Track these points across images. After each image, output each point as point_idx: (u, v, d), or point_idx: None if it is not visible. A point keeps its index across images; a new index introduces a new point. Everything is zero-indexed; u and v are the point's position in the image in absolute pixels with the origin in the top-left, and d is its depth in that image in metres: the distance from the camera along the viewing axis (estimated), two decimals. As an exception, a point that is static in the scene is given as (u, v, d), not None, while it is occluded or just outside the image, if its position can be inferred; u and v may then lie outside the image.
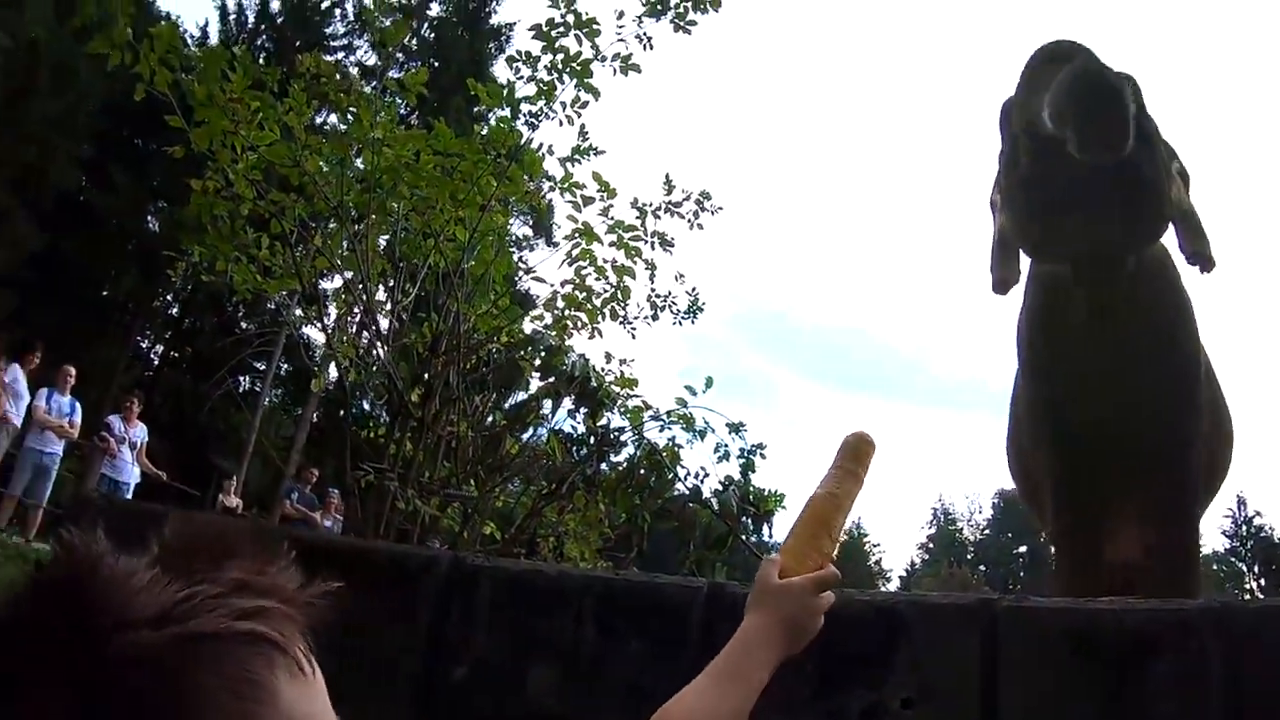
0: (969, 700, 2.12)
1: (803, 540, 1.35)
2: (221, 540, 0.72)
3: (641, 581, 2.65)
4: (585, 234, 5.12)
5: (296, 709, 0.70)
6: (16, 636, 0.65)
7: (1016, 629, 2.18)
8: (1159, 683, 1.95)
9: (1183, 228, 3.96)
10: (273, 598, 0.70)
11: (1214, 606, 2.06)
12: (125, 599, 0.65)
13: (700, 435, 4.44)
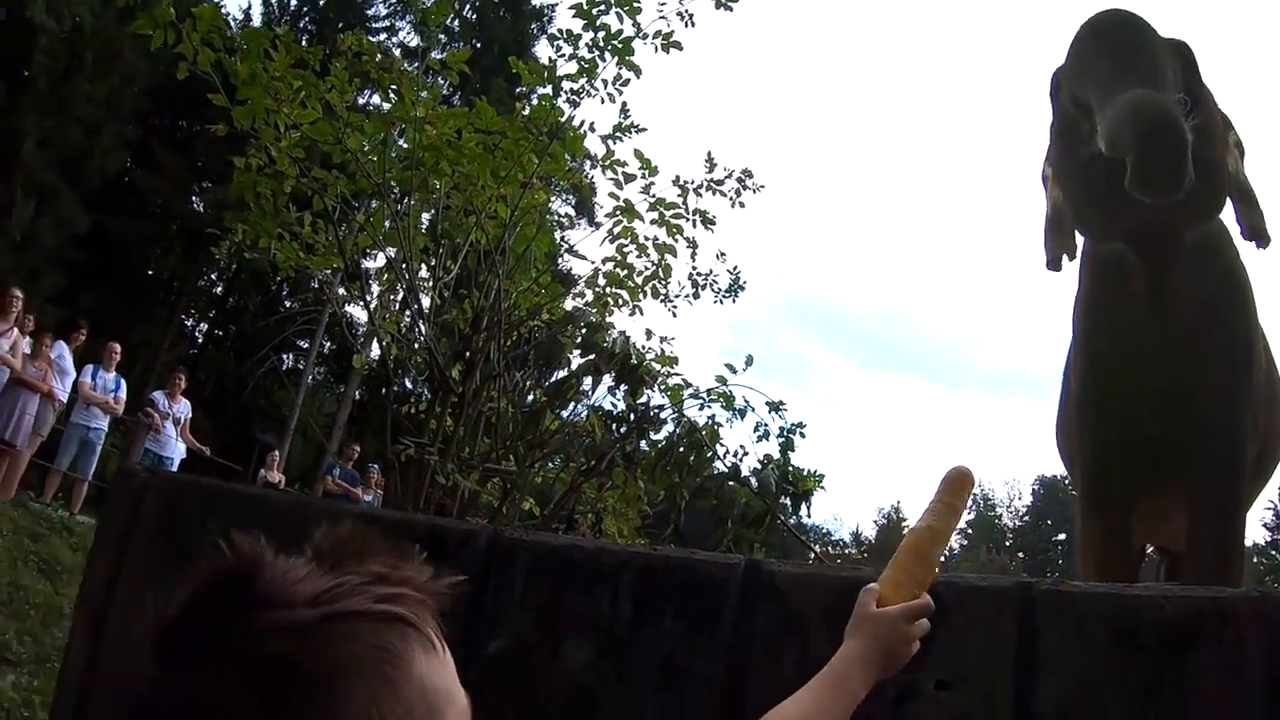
0: (1004, 685, 2.10)
1: (900, 570, 1.45)
2: (363, 542, 0.86)
3: (679, 558, 2.65)
4: (626, 211, 5.12)
5: (428, 679, 0.83)
6: (196, 617, 0.79)
7: (1054, 614, 2.15)
8: (1198, 672, 1.92)
9: (1239, 202, 3.89)
10: (407, 586, 0.84)
11: (1254, 596, 2.02)
12: (286, 587, 0.79)
13: (740, 415, 4.44)
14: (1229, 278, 3.82)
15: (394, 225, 4.87)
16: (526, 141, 4.80)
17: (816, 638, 2.38)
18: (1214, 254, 3.78)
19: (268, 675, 0.75)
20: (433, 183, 5.00)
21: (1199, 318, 3.67)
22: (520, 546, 2.88)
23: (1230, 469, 3.79)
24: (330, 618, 0.78)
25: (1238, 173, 3.93)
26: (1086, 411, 3.92)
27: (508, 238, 4.84)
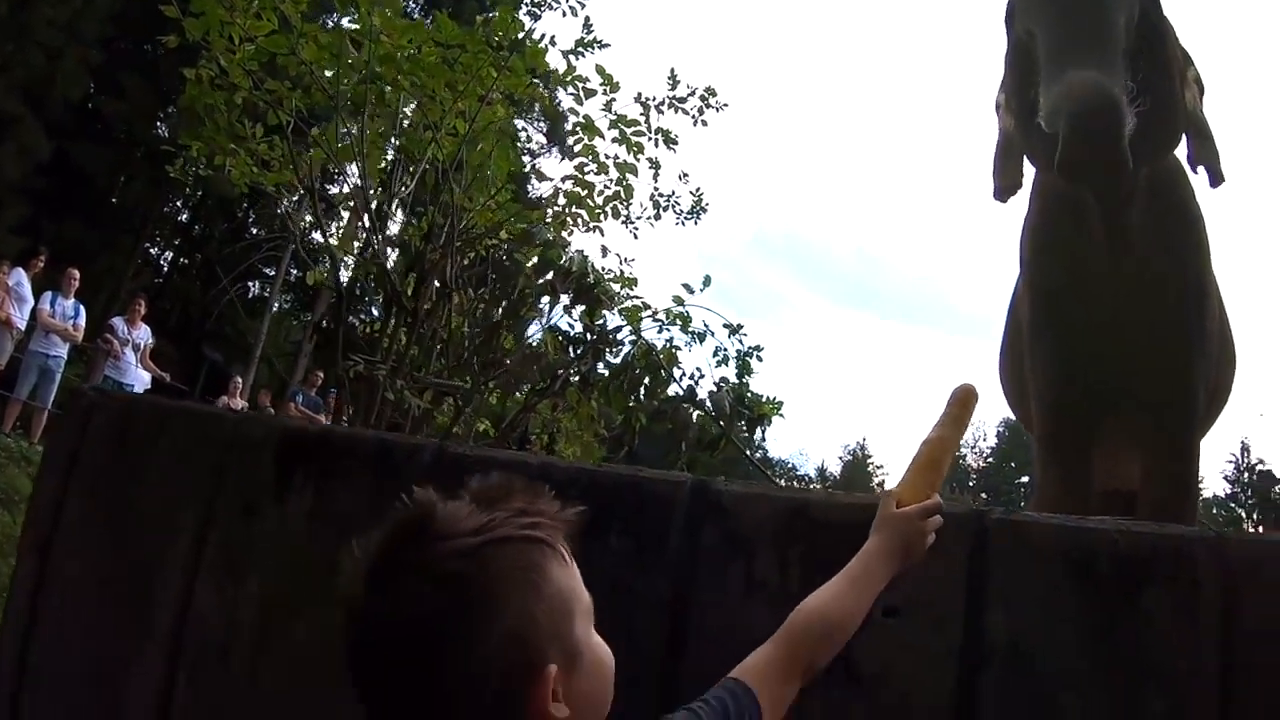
0: (954, 614, 2.05)
1: (915, 476, 1.67)
2: (508, 486, 1.16)
3: (625, 475, 2.59)
4: (587, 128, 5.01)
5: (562, 583, 1.12)
6: (392, 551, 1.09)
7: (1007, 544, 2.11)
8: (1151, 611, 1.88)
9: (1194, 138, 3.83)
10: (542, 516, 1.14)
11: (1210, 536, 1.98)
12: (454, 523, 1.08)
13: (699, 338, 4.38)
14: (1184, 217, 3.77)
15: (349, 140, 4.73)
16: (485, 55, 4.67)
17: (763, 558, 2.34)
18: (1169, 191, 3.73)
19: (451, 587, 1.04)
20: (390, 97, 4.87)
21: (1154, 256, 3.63)
22: (465, 462, 2.82)
23: (1186, 410, 3.77)
24: (489, 542, 1.07)
25: (1195, 109, 3.87)
26: (1040, 350, 3.88)
27: (464, 153, 4.71)
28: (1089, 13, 3.28)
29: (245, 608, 2.58)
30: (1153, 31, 3.52)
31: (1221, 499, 57.37)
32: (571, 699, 1.08)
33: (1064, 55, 3.26)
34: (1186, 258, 3.72)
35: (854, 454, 77.21)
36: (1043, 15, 3.40)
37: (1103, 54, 3.22)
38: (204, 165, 5.63)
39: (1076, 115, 3.07)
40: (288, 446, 3.09)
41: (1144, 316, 3.62)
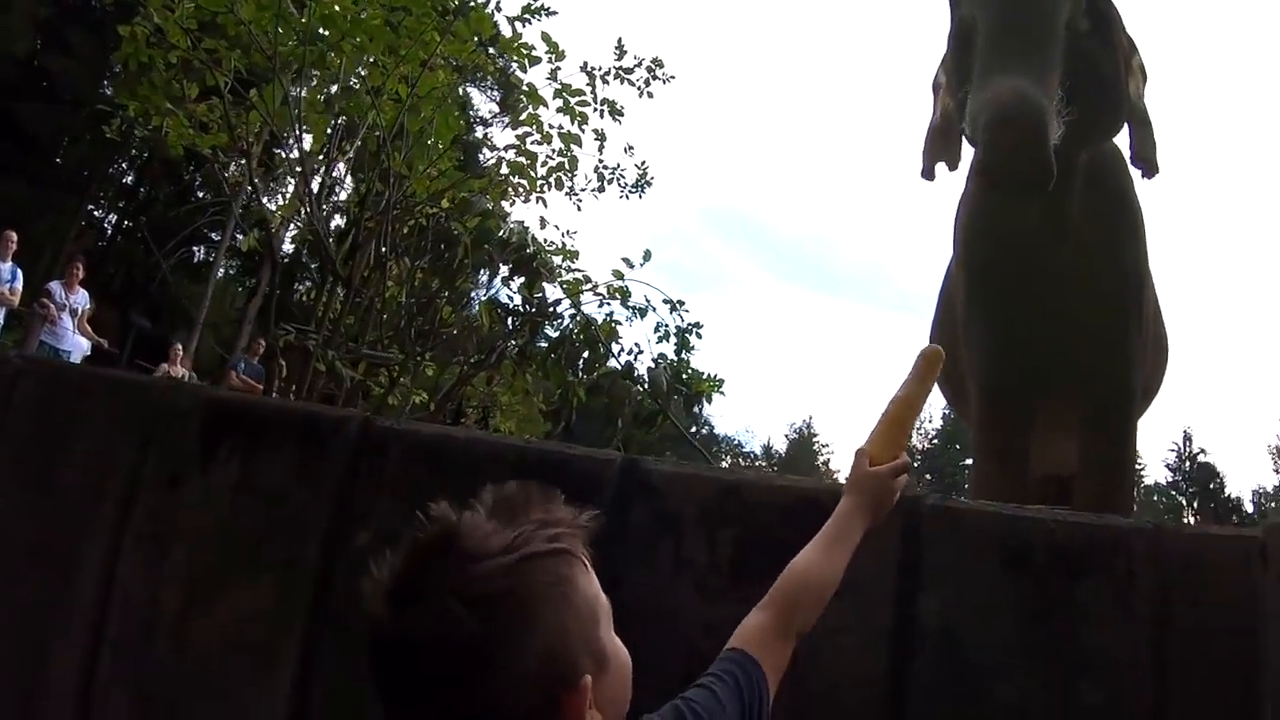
0: (885, 599, 2.03)
1: (886, 434, 1.69)
2: (525, 496, 1.14)
3: (554, 451, 2.54)
4: (530, 97, 4.92)
5: (587, 591, 1.12)
6: (420, 571, 1.06)
7: (941, 530, 2.09)
8: (1086, 600, 1.88)
9: (1135, 128, 3.82)
10: (563, 525, 1.12)
11: (1147, 528, 1.98)
12: (483, 543, 1.06)
13: (640, 314, 4.32)
14: (1122, 204, 3.78)
15: (286, 101, 4.61)
16: (430, 19, 4.56)
17: (691, 537, 2.31)
18: (1108, 178, 3.73)
19: (485, 610, 1.03)
20: (332, 59, 4.74)
21: (1091, 241, 3.63)
22: (391, 436, 2.76)
23: (1124, 395, 3.78)
24: (521, 560, 1.06)
25: (1138, 98, 3.86)
26: (975, 332, 3.87)
27: (405, 119, 4.60)
28: (1029, 9, 3.28)
29: (170, 582, 2.53)
30: (1100, 17, 3.50)
31: (1163, 486, 58.39)
32: (601, 703, 1.12)
33: (998, 56, 3.24)
34: (1124, 245, 3.72)
35: (800, 432, 77.52)
36: (985, 6, 3.37)
37: (1037, 58, 3.21)
38: (141, 125, 5.47)
39: (996, 125, 3.06)
40: (214, 417, 3.01)
41: (1081, 301, 3.62)
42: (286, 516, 2.81)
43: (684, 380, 3.98)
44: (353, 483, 2.82)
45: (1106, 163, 3.75)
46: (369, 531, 2.78)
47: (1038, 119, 3.05)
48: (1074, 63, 3.30)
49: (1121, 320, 3.70)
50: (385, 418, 3.85)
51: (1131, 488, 3.94)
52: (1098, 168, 3.67)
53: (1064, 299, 3.63)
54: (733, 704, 1.29)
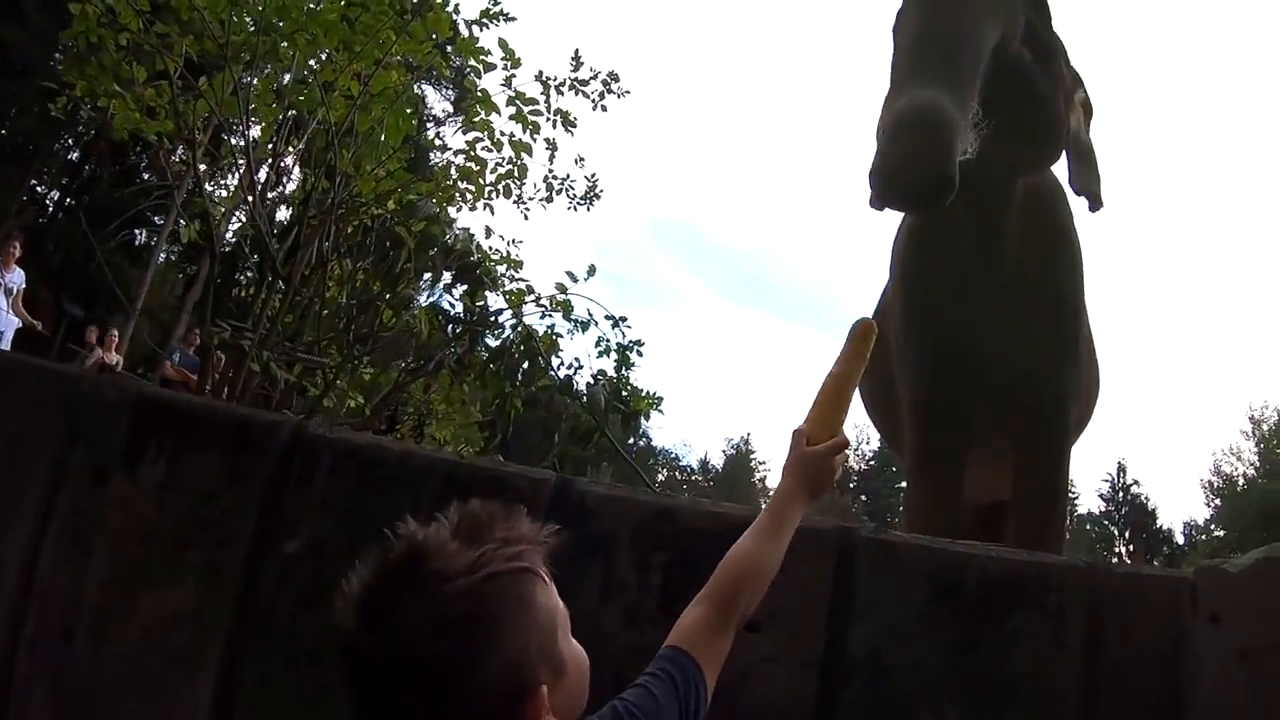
0: (816, 629, 2.03)
1: (822, 411, 1.69)
2: (489, 515, 1.20)
3: (486, 469, 2.52)
4: (483, 103, 4.87)
5: (547, 604, 1.20)
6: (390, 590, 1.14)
7: (874, 562, 2.09)
8: (1016, 635, 1.89)
9: (1076, 160, 3.84)
10: (524, 543, 1.19)
11: (1079, 565, 1.99)
12: (448, 561, 1.12)
13: (582, 327, 4.28)
14: (1060, 236, 3.80)
15: (235, 91, 4.52)
16: (386, 17, 4.50)
17: (621, 560, 2.29)
18: (1047, 209, 3.75)
19: (453, 627, 1.10)
20: (285, 50, 4.66)
21: (1028, 270, 3.65)
22: (323, 443, 2.72)
23: (1057, 427, 3.81)
24: (484, 579, 1.12)
25: (1080, 131, 3.88)
26: (913, 358, 3.88)
27: (352, 117, 4.53)
28: (950, 28, 3.20)
29: (91, 580, 2.49)
30: (1040, 47, 3.50)
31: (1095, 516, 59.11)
32: (557, 708, 1.18)
33: (913, 66, 3.18)
34: (1061, 275, 3.75)
35: (737, 448, 77.63)
36: (907, 25, 3.33)
37: (952, 72, 3.11)
38: (86, 106, 5.35)
39: (893, 129, 2.97)
40: (143, 413, 2.94)
41: (1016, 329, 3.64)
42: (213, 519, 2.75)
43: (622, 398, 3.95)
44: (282, 489, 2.76)
45: (1046, 194, 3.77)
46: (297, 540, 2.73)
47: (938, 125, 2.93)
48: (1010, 91, 3.28)
49: (1056, 352, 3.73)
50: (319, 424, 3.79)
51: (1064, 519, 3.96)
52: (1037, 199, 3.70)
53: (999, 328, 3.65)
54: (670, 702, 1.32)
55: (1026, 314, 3.65)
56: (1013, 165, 3.52)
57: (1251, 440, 50.97)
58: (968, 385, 3.73)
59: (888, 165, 2.96)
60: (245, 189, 4.39)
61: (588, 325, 4.27)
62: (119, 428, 2.79)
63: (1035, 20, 3.53)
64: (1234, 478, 51.39)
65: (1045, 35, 3.57)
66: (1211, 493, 52.69)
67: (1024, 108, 3.36)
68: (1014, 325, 3.65)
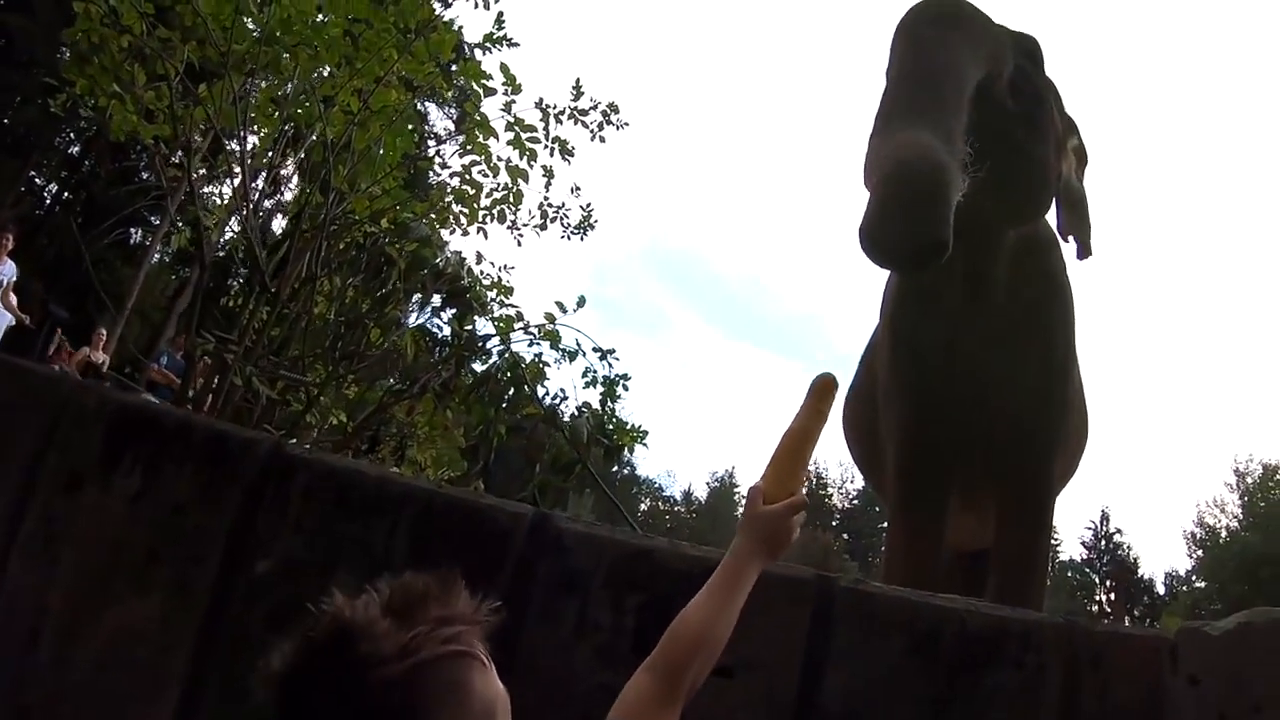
0: (789, 677, 2.01)
1: (780, 469, 1.64)
2: (423, 592, 1.12)
3: (464, 500, 2.49)
4: (482, 127, 4.85)
5: (484, 691, 1.11)
6: (313, 672, 1.05)
7: (852, 612, 2.06)
8: (993, 691, 1.87)
9: (1066, 208, 3.83)
10: (461, 623, 1.10)
11: (1059, 622, 1.97)
12: (376, 644, 1.03)
13: (570, 357, 4.26)
14: (1052, 285, 3.79)
15: (234, 101, 4.50)
16: (389, 36, 4.48)
17: (596, 599, 2.27)
18: (1039, 258, 3.75)
19: (377, 716, 1.03)
20: (286, 63, 4.64)
21: (1019, 320, 3.64)
22: (300, 464, 2.69)
23: (1043, 473, 3.80)
24: (415, 666, 1.04)
25: (1071, 178, 3.87)
26: (898, 400, 3.87)
27: (350, 133, 4.51)
28: (935, 63, 3.17)
29: (58, 589, 2.41)
30: (1031, 94, 3.49)
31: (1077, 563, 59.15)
32: None
33: (902, 103, 3.11)
34: (1051, 325, 3.74)
35: (721, 481, 77.37)
36: (894, 61, 3.31)
37: (940, 110, 3.03)
38: (88, 104, 5.34)
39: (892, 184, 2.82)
40: (119, 422, 2.91)
41: (1004, 384, 3.63)
42: (185, 534, 2.71)
43: (606, 431, 3.92)
44: (256, 507, 2.73)
45: (1040, 243, 3.77)
46: (269, 560, 2.70)
47: (930, 182, 2.79)
48: (999, 143, 3.25)
49: (1044, 407, 3.72)
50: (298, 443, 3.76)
51: (1046, 568, 3.95)
52: (1030, 248, 3.69)
53: (987, 381, 3.64)
54: None
55: (1015, 364, 3.64)
56: (1002, 216, 3.51)
57: (1235, 492, 51.04)
58: (953, 434, 3.71)
59: (876, 230, 2.81)
60: (239, 198, 4.36)
61: (575, 355, 4.26)
62: (95, 435, 2.77)
63: (1026, 65, 3.52)
64: (1217, 529, 51.46)
65: (1037, 80, 3.56)
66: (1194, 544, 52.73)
67: (1012, 160, 3.34)
68: (1002, 375, 3.64)
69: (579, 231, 5.64)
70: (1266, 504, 48.70)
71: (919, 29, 3.25)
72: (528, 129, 4.92)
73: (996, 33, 3.39)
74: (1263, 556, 43.96)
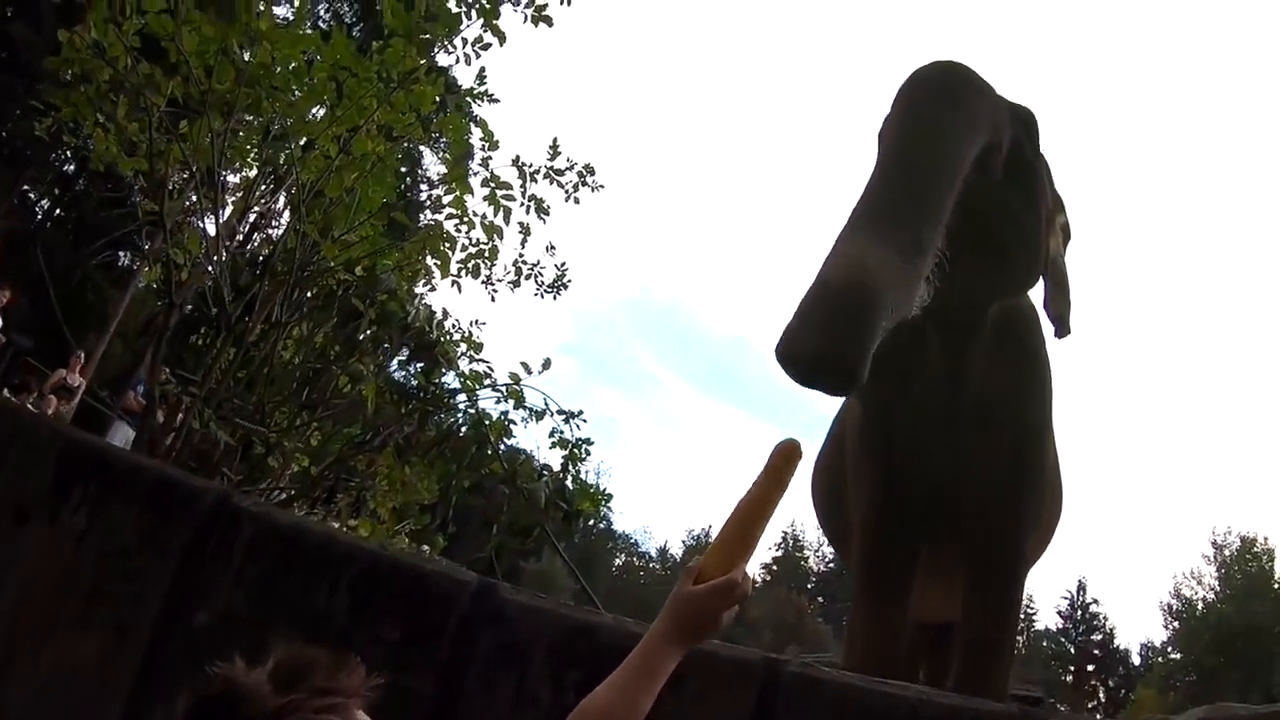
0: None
1: (725, 543, 1.51)
2: (310, 662, 1.20)
3: (408, 564, 2.47)
4: (458, 183, 4.85)
5: None
6: None
7: (798, 697, 2.03)
8: None
9: (1051, 285, 3.84)
10: (342, 695, 1.18)
11: (1013, 712, 1.94)
12: (255, 706, 1.13)
13: (538, 416, 4.23)
14: (1029, 361, 3.78)
15: (213, 140, 4.49)
16: (370, 85, 4.48)
17: (536, 672, 2.24)
18: (1019, 334, 3.74)
19: None
20: (266, 107, 4.63)
21: (994, 394, 3.62)
22: (246, 516, 2.67)
23: (1013, 551, 3.77)
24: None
25: (1057, 255, 3.88)
26: (865, 470, 3.85)
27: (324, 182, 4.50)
28: (926, 159, 3.04)
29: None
30: (1024, 168, 3.48)
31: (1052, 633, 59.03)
32: None
33: (874, 201, 2.98)
34: (1026, 400, 3.72)
35: (698, 540, 76.92)
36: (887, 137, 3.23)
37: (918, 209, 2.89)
38: (70, 130, 5.34)
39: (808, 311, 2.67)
40: (70, 459, 2.88)
41: (976, 455, 3.61)
42: (127, 577, 2.68)
43: (565, 497, 3.89)
44: (200, 557, 2.70)
45: (1019, 318, 3.76)
46: (207, 612, 2.66)
47: (854, 317, 2.62)
48: (991, 219, 3.25)
49: (1016, 481, 3.70)
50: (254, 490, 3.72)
51: (1013, 645, 3.91)
52: (1010, 323, 3.68)
53: (958, 454, 3.63)
54: None
55: (989, 441, 3.63)
56: (993, 288, 3.51)
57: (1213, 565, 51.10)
58: (921, 510, 3.69)
59: (786, 341, 2.67)
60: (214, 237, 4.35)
61: (542, 415, 4.24)
62: (44, 470, 2.75)
63: (1022, 137, 3.51)
64: (1194, 601, 51.46)
65: (1030, 154, 3.56)
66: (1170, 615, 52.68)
67: (1006, 231, 3.35)
68: (975, 452, 3.62)
69: (553, 290, 5.65)
70: (1244, 576, 48.78)
71: (918, 109, 3.16)
72: (503, 186, 4.91)
73: (997, 103, 3.37)
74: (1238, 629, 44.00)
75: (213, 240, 4.42)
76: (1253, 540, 49.58)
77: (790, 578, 70.73)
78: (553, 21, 4.53)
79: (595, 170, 5.09)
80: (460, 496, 4.03)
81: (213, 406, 3.77)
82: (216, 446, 3.79)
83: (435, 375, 4.08)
